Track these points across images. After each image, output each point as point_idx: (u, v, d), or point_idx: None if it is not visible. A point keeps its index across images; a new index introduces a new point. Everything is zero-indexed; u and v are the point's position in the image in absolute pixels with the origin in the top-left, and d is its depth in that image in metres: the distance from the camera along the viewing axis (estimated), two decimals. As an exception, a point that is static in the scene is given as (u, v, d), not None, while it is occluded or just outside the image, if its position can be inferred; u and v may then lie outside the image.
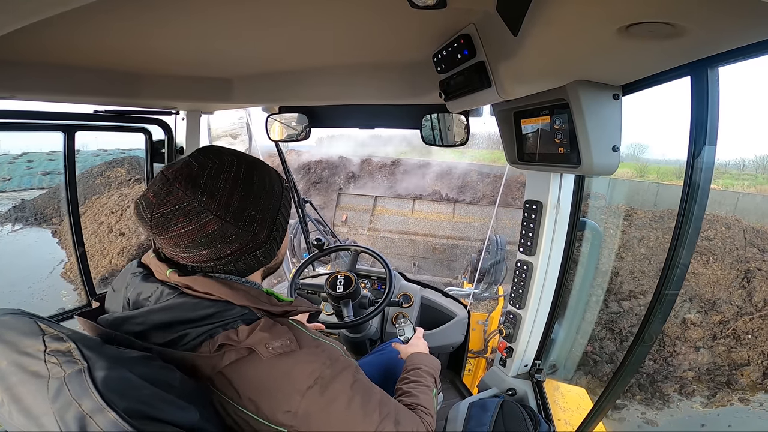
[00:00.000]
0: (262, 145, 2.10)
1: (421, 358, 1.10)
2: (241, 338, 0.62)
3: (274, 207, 0.70)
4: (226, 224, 0.63)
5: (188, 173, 0.62)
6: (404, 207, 10.97)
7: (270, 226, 0.69)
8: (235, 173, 0.65)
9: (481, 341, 2.29)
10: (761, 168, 14.23)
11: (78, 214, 1.58)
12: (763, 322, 6.20)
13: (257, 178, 0.68)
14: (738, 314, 6.36)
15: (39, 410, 0.47)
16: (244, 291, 0.66)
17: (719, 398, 5.72)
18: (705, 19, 0.50)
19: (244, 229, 0.65)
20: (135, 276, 0.68)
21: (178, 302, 0.63)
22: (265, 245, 0.69)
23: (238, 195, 0.64)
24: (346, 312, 1.54)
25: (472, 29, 0.83)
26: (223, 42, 1.00)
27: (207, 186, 0.62)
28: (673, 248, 0.83)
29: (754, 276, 6.70)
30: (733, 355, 6.04)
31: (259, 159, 0.73)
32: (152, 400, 0.50)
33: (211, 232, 0.62)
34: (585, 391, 1.56)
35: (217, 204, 0.62)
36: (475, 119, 1.46)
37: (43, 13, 0.43)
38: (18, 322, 0.52)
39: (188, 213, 0.61)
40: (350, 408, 0.66)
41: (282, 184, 0.74)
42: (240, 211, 0.64)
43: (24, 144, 15.58)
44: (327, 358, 0.67)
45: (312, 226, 2.67)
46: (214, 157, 0.65)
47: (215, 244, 0.64)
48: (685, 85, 0.72)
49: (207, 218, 0.61)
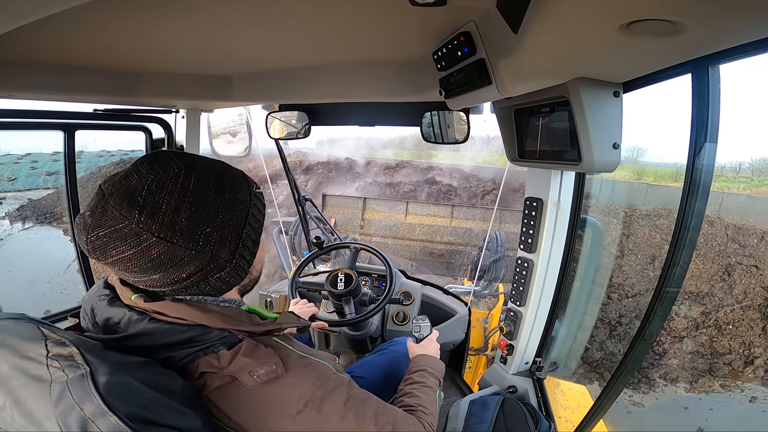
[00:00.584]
0: (262, 145, 2.10)
1: (427, 360, 1.09)
2: (223, 364, 0.58)
3: (237, 221, 0.61)
4: (174, 246, 0.54)
5: (125, 188, 0.54)
6: (396, 209, 9.94)
7: (234, 243, 0.60)
8: (182, 185, 0.55)
9: (482, 339, 2.29)
10: (757, 170, 14.38)
11: (78, 212, 1.58)
12: (743, 313, 6.59)
13: (213, 188, 0.58)
14: (719, 306, 6.75)
15: (41, 414, 0.47)
16: (220, 313, 0.61)
17: (701, 384, 6.17)
18: (706, 16, 0.50)
19: (198, 251, 0.56)
20: (101, 300, 0.62)
21: (149, 329, 0.58)
22: (230, 265, 0.61)
23: (186, 211, 0.55)
24: (347, 309, 1.54)
25: (473, 27, 0.82)
26: (223, 40, 1.00)
27: (147, 202, 0.53)
28: (673, 246, 0.83)
29: (735, 270, 7.13)
30: (715, 345, 6.41)
31: (221, 162, 0.63)
32: (153, 404, 0.50)
33: (157, 255, 0.54)
34: (585, 388, 1.56)
35: (159, 224, 0.53)
36: (475, 117, 1.46)
37: (42, 12, 0.43)
38: (20, 327, 0.52)
39: (125, 236, 0.53)
40: (344, 423, 0.64)
41: (250, 191, 0.64)
42: (190, 230, 0.55)
43: (27, 144, 15.94)
44: (317, 379, 0.64)
45: (313, 224, 2.68)
46: (158, 167, 0.56)
47: (165, 269, 0.56)
48: (681, 85, 0.72)
49: (149, 241, 0.53)
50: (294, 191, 2.44)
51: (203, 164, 0.60)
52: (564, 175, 1.24)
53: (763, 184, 12.80)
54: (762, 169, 14.41)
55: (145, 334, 0.58)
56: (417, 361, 1.09)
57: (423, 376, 1.01)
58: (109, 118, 1.53)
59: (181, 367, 0.60)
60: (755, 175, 14.15)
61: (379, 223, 9.93)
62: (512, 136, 1.18)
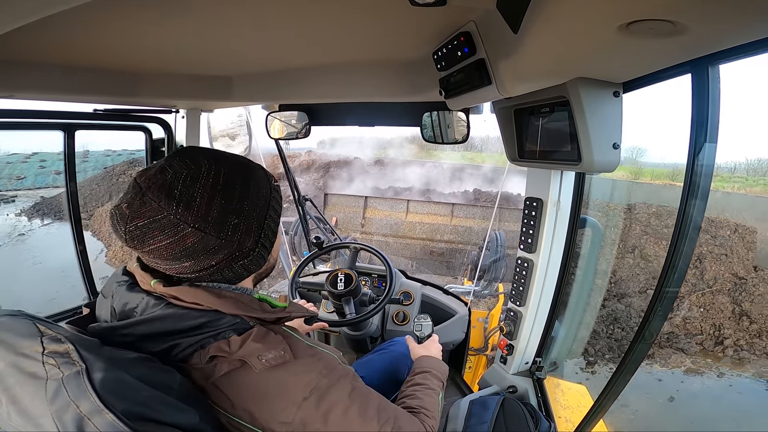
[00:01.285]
0: (263, 145, 2.10)
1: (431, 362, 1.08)
2: (233, 349, 0.60)
3: (260, 212, 0.65)
4: (207, 236, 0.59)
5: (162, 181, 0.58)
6: (397, 208, 10.02)
7: (257, 233, 0.65)
8: (213, 179, 0.60)
9: (482, 339, 2.29)
10: (752, 171, 14.63)
11: (78, 212, 1.58)
12: (713, 297, 7.30)
13: (239, 182, 0.63)
14: (692, 290, 7.48)
15: (37, 411, 0.47)
16: (233, 299, 0.64)
17: (674, 360, 6.81)
18: (706, 16, 0.50)
19: (227, 239, 0.61)
20: (120, 285, 0.65)
21: (165, 313, 0.60)
22: (253, 253, 0.65)
23: (217, 203, 0.59)
24: (348, 310, 1.54)
25: (473, 27, 0.82)
26: (223, 40, 1.00)
27: (183, 195, 0.57)
28: (673, 246, 0.82)
29: (706, 258, 7.91)
30: (688, 326, 7.15)
31: (243, 158, 0.68)
32: (151, 401, 0.50)
33: (191, 244, 0.58)
34: (585, 388, 1.56)
35: (195, 215, 0.57)
36: (475, 117, 1.46)
37: (42, 12, 0.43)
38: (16, 324, 0.52)
39: (164, 226, 0.57)
40: (347, 416, 0.65)
41: (270, 185, 0.69)
42: (221, 221, 0.60)
43: (33, 144, 16.29)
44: (323, 368, 0.65)
45: (313, 224, 2.67)
46: (191, 162, 0.60)
47: (197, 256, 0.60)
48: (678, 85, 0.72)
49: (185, 231, 0.57)
50: (294, 191, 2.44)
51: (230, 160, 0.65)
52: (564, 175, 1.24)
53: (757, 184, 13.32)
54: (757, 169, 15.08)
55: (161, 318, 0.60)
56: (420, 363, 1.08)
57: (426, 378, 1.00)
58: (109, 118, 1.53)
59: (185, 357, 0.60)
60: (750, 175, 14.76)
61: (380, 222, 9.96)
62: (512, 136, 1.18)
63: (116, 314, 0.63)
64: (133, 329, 0.60)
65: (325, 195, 10.43)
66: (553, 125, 1.00)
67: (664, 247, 7.91)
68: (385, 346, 1.51)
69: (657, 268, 7.78)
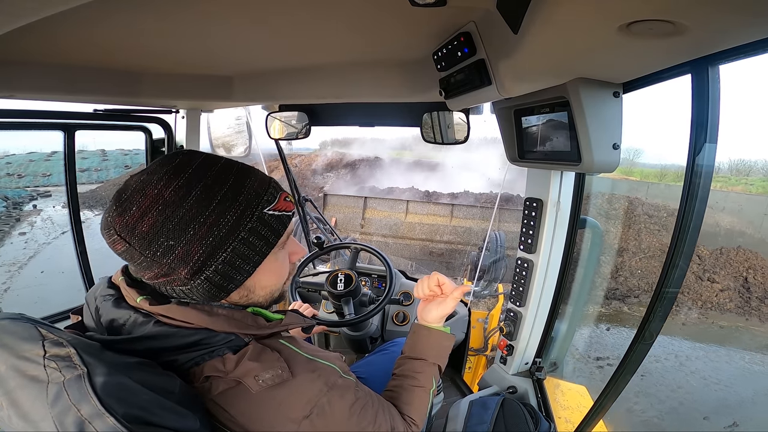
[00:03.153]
0: (263, 146, 2.09)
1: (432, 342, 0.93)
2: (228, 368, 0.58)
3: (214, 241, 0.57)
4: (131, 248, 0.56)
5: (128, 183, 0.57)
6: (397, 209, 9.98)
7: (199, 264, 0.57)
8: (159, 190, 0.55)
9: (482, 339, 2.29)
10: (735, 171, 15.39)
11: (78, 212, 1.58)
12: (648, 262, 9.41)
13: (193, 201, 0.55)
14: (632, 257, 9.67)
15: (38, 415, 0.47)
16: (225, 316, 0.61)
17: (614, 307, 8.62)
18: (706, 17, 0.50)
19: (155, 260, 0.56)
20: (105, 300, 0.62)
21: (155, 332, 0.58)
22: (191, 283, 0.58)
23: (151, 218, 0.54)
24: (347, 310, 1.54)
25: (473, 27, 0.82)
26: (223, 40, 1.00)
27: (125, 202, 0.55)
28: (673, 246, 0.83)
29: (643, 232, 10.19)
30: (628, 283, 9.08)
31: (229, 174, 0.59)
32: (151, 406, 0.50)
33: (121, 252, 0.57)
34: (585, 389, 1.56)
35: (123, 224, 0.55)
36: (475, 117, 1.46)
37: (42, 12, 0.42)
38: (17, 327, 0.52)
39: (104, 226, 0.57)
40: (347, 425, 0.65)
41: (252, 211, 0.59)
42: (149, 238, 0.55)
43: (49, 143, 16.80)
44: (324, 385, 0.63)
45: (313, 224, 2.67)
46: (161, 167, 0.57)
47: (133, 264, 0.58)
48: (669, 86, 0.73)
49: (113, 237, 0.56)
50: (294, 191, 2.44)
51: (202, 171, 0.58)
52: (564, 176, 1.24)
53: (739, 183, 14.33)
54: (740, 169, 16.14)
55: (150, 337, 0.58)
56: (420, 341, 0.94)
57: (422, 367, 0.90)
58: (109, 118, 1.53)
59: (185, 371, 0.59)
60: (733, 174, 15.82)
61: (379, 222, 9.96)
62: (512, 137, 1.18)
63: (104, 329, 0.61)
64: (130, 346, 0.58)
65: (324, 196, 10.51)
66: (553, 126, 1.00)
67: (612, 225, 10.30)
68: (386, 346, 1.51)
69: (614, 242, 9.79)
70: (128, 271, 0.65)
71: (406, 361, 0.93)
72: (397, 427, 0.75)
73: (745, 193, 13.34)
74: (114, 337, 0.59)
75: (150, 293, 0.61)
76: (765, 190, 13.48)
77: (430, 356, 0.92)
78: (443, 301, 0.95)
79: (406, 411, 0.83)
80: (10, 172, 13.80)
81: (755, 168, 16.07)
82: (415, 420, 0.83)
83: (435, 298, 0.97)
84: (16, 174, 13.68)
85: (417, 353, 0.93)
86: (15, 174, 13.49)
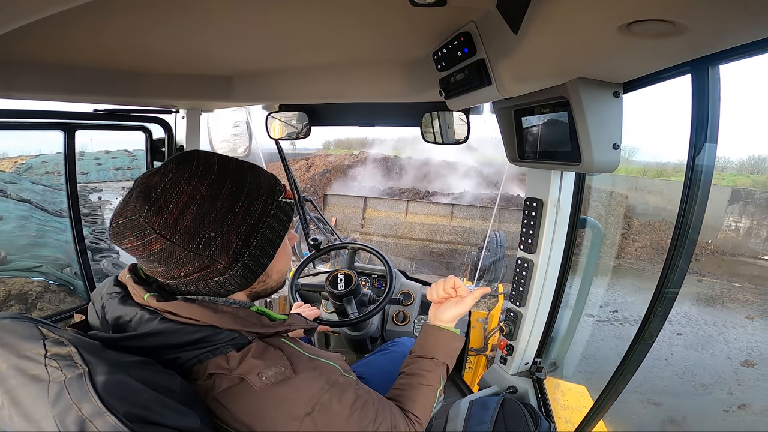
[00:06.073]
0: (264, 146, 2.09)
1: (441, 341, 0.93)
2: (232, 366, 0.59)
3: (247, 229, 0.60)
4: (173, 245, 0.56)
5: (147, 183, 0.57)
6: (397, 209, 10.01)
7: (238, 252, 0.60)
8: (195, 186, 0.57)
9: (482, 339, 2.29)
10: (718, 168, 16.23)
11: (78, 211, 1.58)
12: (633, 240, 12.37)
13: (227, 194, 0.59)
14: (623, 235, 12.36)
15: (39, 414, 0.47)
16: (230, 314, 0.62)
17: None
18: (706, 16, 0.50)
19: (197, 253, 0.57)
20: (112, 297, 0.63)
21: (160, 328, 0.59)
22: (229, 271, 0.61)
23: (191, 212, 0.56)
24: (350, 309, 1.54)
25: (473, 27, 0.82)
26: (223, 40, 1.00)
27: (158, 200, 0.56)
28: (673, 247, 0.82)
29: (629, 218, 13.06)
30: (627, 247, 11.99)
31: (245, 167, 0.64)
32: (152, 404, 0.50)
33: (157, 251, 0.57)
34: (585, 389, 1.56)
35: (163, 222, 0.55)
36: (475, 117, 1.46)
37: (42, 12, 0.43)
38: (18, 326, 0.52)
39: (135, 228, 0.56)
40: (348, 424, 0.65)
41: (273, 200, 0.64)
42: (192, 232, 0.56)
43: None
44: (325, 382, 0.64)
45: (313, 224, 2.68)
46: (184, 166, 0.59)
47: (166, 264, 0.58)
48: (661, 87, 0.73)
49: (151, 236, 0.56)
50: (294, 192, 2.45)
51: (225, 167, 0.61)
52: (564, 176, 1.23)
53: (722, 180, 14.66)
54: (723, 166, 16.66)
55: (155, 333, 0.59)
56: (430, 341, 0.93)
57: (431, 366, 0.90)
58: (109, 118, 1.53)
59: (187, 369, 0.60)
60: (726, 171, 16.38)
61: (379, 222, 10.00)
62: (512, 137, 1.18)
63: (109, 327, 0.62)
64: (133, 343, 0.58)
65: (324, 195, 10.66)
66: (553, 125, 1.00)
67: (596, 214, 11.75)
68: (387, 346, 1.51)
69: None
70: (135, 270, 0.66)
71: (416, 360, 0.93)
72: (399, 426, 0.75)
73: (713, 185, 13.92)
74: (119, 335, 0.59)
75: (156, 290, 0.62)
76: (733, 183, 14.29)
77: (440, 356, 0.92)
78: (460, 300, 0.95)
79: (412, 409, 0.84)
80: (49, 170, 13.86)
81: (729, 165, 16.88)
82: (419, 418, 0.84)
83: (449, 299, 0.97)
84: (56, 172, 13.78)
85: (427, 352, 0.93)
86: (54, 172, 13.56)
